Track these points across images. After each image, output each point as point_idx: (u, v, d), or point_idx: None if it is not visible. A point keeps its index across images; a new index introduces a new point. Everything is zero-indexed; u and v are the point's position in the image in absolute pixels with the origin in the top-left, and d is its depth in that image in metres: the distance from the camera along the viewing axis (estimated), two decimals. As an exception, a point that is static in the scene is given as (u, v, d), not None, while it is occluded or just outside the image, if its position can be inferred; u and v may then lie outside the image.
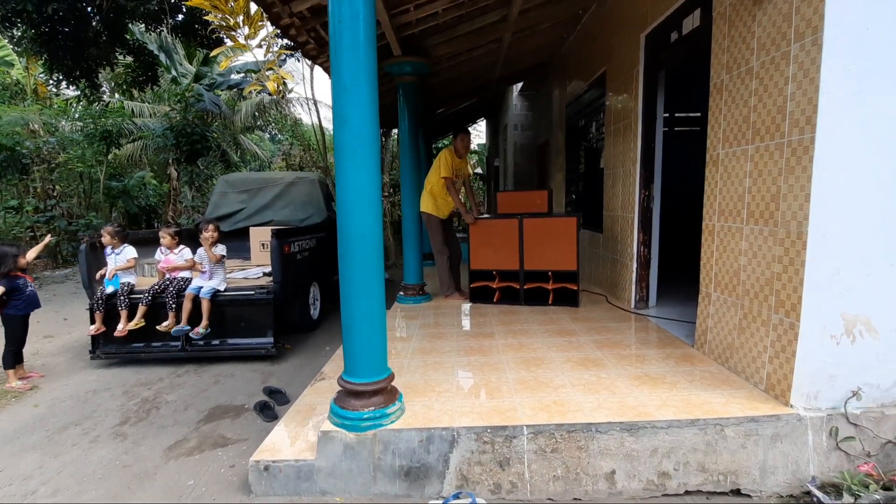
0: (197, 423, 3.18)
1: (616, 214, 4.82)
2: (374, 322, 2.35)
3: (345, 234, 2.28)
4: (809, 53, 2.21)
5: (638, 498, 2.27)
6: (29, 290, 3.90)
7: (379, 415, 2.32)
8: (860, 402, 2.28)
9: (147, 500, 2.37)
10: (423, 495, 2.30)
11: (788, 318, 2.35)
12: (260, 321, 4.25)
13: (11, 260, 3.78)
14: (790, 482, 2.26)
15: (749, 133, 2.67)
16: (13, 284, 3.80)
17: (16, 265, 3.81)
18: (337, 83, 2.21)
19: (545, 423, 2.30)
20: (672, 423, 2.27)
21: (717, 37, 2.99)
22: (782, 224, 2.39)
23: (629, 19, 4.39)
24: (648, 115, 4.19)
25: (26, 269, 3.96)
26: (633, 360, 3.12)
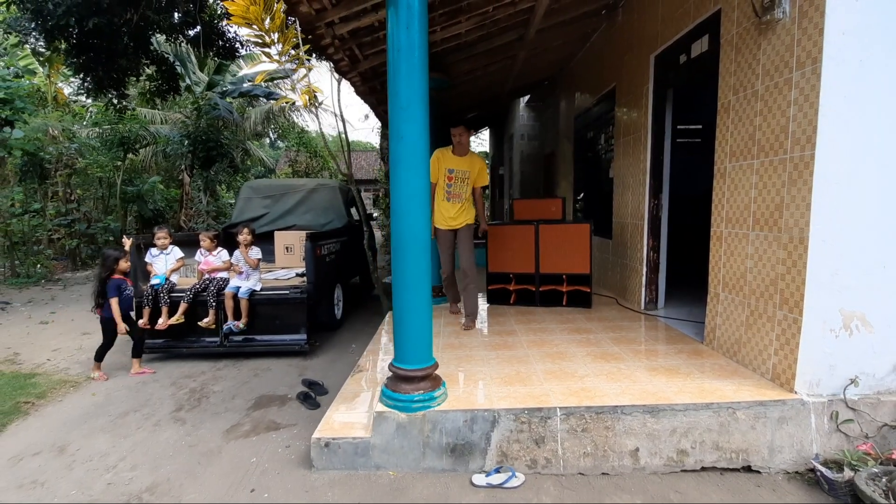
0: (247, 410, 3.45)
1: (626, 221, 5.12)
2: (423, 315, 2.63)
3: (399, 236, 2.57)
4: (809, 81, 2.52)
5: (659, 473, 2.54)
6: (126, 292, 4.15)
7: (427, 398, 2.59)
8: (858, 389, 2.57)
9: (218, 474, 2.63)
10: (467, 469, 2.57)
11: (792, 313, 2.64)
12: (294, 319, 4.52)
13: (112, 262, 4.06)
14: (796, 460, 2.54)
15: (754, 149, 2.98)
16: (115, 286, 4.05)
17: (116, 268, 4.07)
18: (394, 103, 2.51)
19: (576, 406, 2.58)
20: (689, 406, 2.56)
21: (725, 61, 3.30)
22: (785, 230, 2.69)
23: (639, 40, 4.72)
24: (657, 130, 4.50)
25: (127, 273, 4.20)
26: (647, 354, 3.40)
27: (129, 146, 10.44)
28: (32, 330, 5.87)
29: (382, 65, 4.77)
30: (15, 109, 7.08)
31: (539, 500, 2.34)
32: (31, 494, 2.51)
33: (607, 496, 2.36)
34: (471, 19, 4.39)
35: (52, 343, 5.27)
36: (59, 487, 2.57)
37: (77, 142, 10.36)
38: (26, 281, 8.92)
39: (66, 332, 5.72)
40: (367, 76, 4.91)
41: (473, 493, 2.41)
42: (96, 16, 5.56)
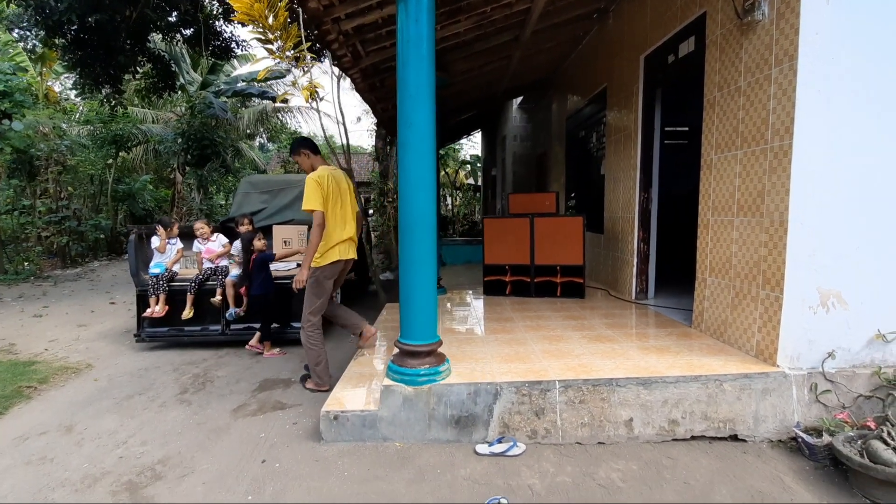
0: (252, 392, 3.53)
1: (617, 215, 5.31)
2: (429, 292, 2.76)
3: (407, 218, 2.70)
4: (787, 76, 2.71)
5: (652, 442, 2.69)
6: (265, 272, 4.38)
7: (433, 372, 2.72)
8: (835, 362, 2.75)
9: (228, 448, 2.72)
10: (470, 440, 2.70)
11: (774, 292, 2.83)
12: (296, 307, 4.60)
13: (249, 243, 4.36)
14: (778, 429, 2.71)
15: (738, 140, 3.17)
16: (260, 262, 4.34)
17: (254, 248, 4.38)
18: (403, 92, 2.65)
19: (573, 379, 2.72)
20: (679, 378, 2.71)
21: (710, 60, 3.50)
22: (767, 215, 2.88)
23: (629, 42, 4.93)
24: (647, 127, 4.71)
25: (262, 250, 4.48)
26: (639, 336, 3.57)
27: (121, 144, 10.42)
28: (26, 322, 5.86)
29: (384, 61, 4.92)
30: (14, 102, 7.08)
31: (540, 466, 2.47)
32: (41, 470, 2.57)
33: (604, 462, 2.50)
34: (469, 18, 4.55)
35: (48, 334, 5.28)
36: (69, 462, 2.63)
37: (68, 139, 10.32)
38: (15, 278, 8.85)
39: (61, 325, 5.73)
40: (367, 73, 5.04)
41: (477, 460, 2.53)
42: (97, 12, 5.63)
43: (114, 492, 2.33)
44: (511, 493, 2.24)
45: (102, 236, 10.92)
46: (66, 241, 9.94)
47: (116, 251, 12.01)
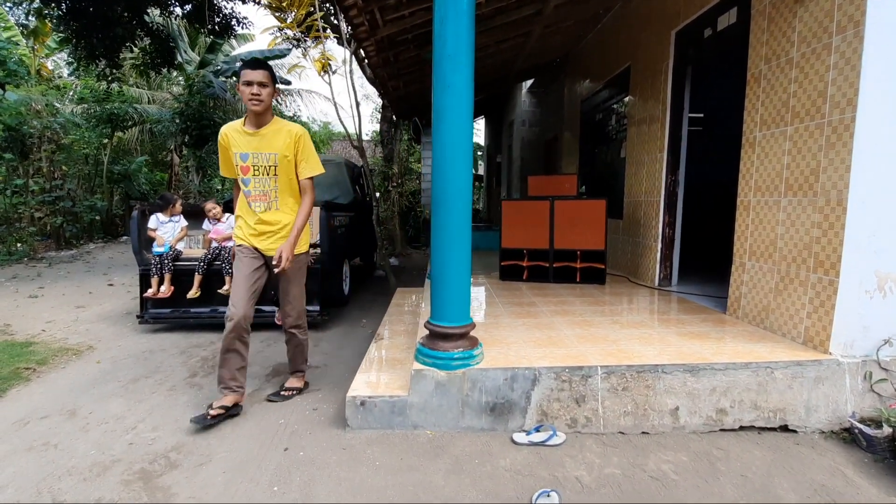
0: (266, 377, 3.35)
1: (639, 200, 5.13)
2: (464, 270, 2.57)
3: (441, 190, 2.50)
4: (851, 44, 2.52)
5: (698, 432, 2.54)
6: None
7: (467, 356, 2.54)
8: (891, 349, 2.60)
9: (246, 435, 2.54)
10: (506, 429, 2.53)
11: (828, 275, 2.66)
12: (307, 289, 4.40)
13: None
14: (830, 420, 2.56)
15: (788, 116, 2.99)
16: None
17: None
18: (441, 51, 2.44)
19: (616, 365, 2.55)
20: (728, 365, 2.55)
21: (756, 32, 3.30)
22: (822, 194, 2.70)
23: (658, 17, 4.71)
24: (676, 107, 4.51)
25: None
26: (674, 322, 3.41)
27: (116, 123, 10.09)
28: (22, 303, 5.63)
29: (400, 33, 4.69)
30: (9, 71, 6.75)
31: (584, 457, 2.31)
32: (45, 456, 2.37)
33: (651, 453, 2.34)
34: (492, -12, 4.33)
35: (45, 315, 5.06)
36: (75, 448, 2.44)
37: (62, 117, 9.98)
38: (7, 259, 8.57)
39: (58, 306, 5.50)
40: (382, 45, 4.80)
41: (516, 450, 2.37)
42: (95, -22, 5.33)
43: (126, 481, 2.14)
44: (559, 486, 2.07)
45: (98, 218, 10.62)
46: (61, 223, 9.64)
47: (112, 233, 11.72)
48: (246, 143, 2.63)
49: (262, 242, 2.74)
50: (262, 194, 2.68)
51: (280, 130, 2.65)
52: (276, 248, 2.67)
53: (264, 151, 2.62)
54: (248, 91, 2.54)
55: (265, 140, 2.62)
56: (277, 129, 2.66)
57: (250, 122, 2.64)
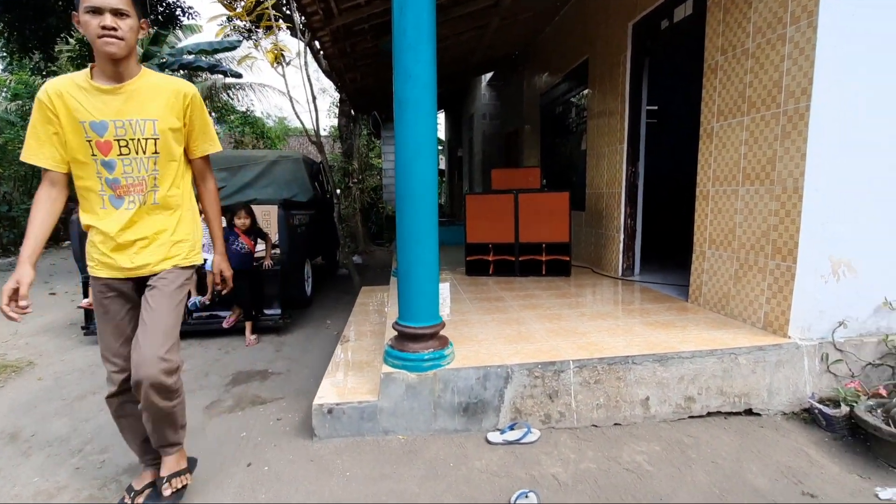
0: (225, 387, 3.16)
1: (601, 191, 5.19)
2: (432, 269, 2.49)
3: (406, 184, 2.40)
4: (805, 34, 2.59)
5: (668, 420, 2.57)
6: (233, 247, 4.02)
7: (438, 356, 2.46)
8: (844, 331, 2.71)
9: (206, 451, 2.37)
10: (480, 428, 2.47)
11: (785, 262, 2.74)
12: (267, 292, 4.21)
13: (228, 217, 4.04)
14: (791, 401, 2.65)
15: (744, 106, 3.05)
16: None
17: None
18: (401, 40, 2.33)
19: (588, 358, 2.54)
20: (695, 353, 2.59)
21: (712, 23, 3.36)
22: (778, 182, 2.78)
23: (615, 9, 4.75)
24: (635, 98, 4.56)
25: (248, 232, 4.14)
26: (639, 312, 3.45)
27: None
28: (-53, 319, 5.12)
29: (357, 22, 4.52)
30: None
31: (559, 453, 2.28)
32: (-21, 487, 2.14)
33: (625, 445, 2.35)
34: (451, -23, 4.23)
35: (-23, 330, 4.63)
36: (17, 475, 2.21)
37: (-10, 113, 9.17)
38: (-69, 269, 7.83)
39: (-10, 320, 5.04)
40: (338, 35, 4.62)
41: (491, 450, 2.31)
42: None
43: (70, 511, 1.95)
44: (536, 485, 2.04)
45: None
46: (-8, 228, 8.89)
47: (54, 238, 10.90)
48: (101, 106, 1.70)
49: (133, 257, 1.80)
50: (137, 183, 1.76)
51: (159, 88, 1.76)
52: (151, 265, 1.82)
53: (136, 118, 1.72)
54: (94, 24, 1.60)
55: (135, 101, 1.72)
56: (153, 84, 1.76)
57: (104, 75, 1.71)
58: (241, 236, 4.05)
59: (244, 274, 4.03)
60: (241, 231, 4.05)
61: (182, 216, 1.90)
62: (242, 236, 4.06)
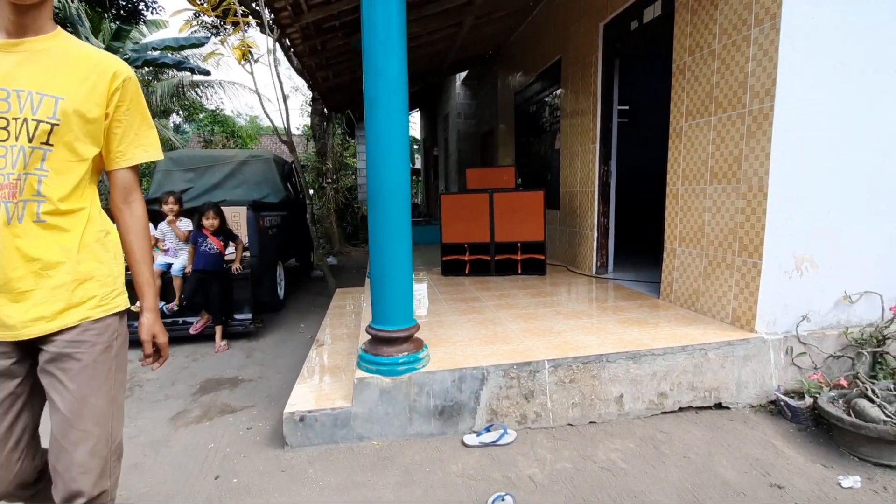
0: (193, 395, 3.05)
1: (575, 190, 5.23)
2: (406, 270, 2.45)
3: (378, 184, 2.36)
4: (769, 36, 2.65)
5: (642, 416, 2.59)
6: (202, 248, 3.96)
7: (412, 359, 2.43)
8: (808, 325, 2.79)
9: (171, 464, 2.28)
10: (456, 431, 2.45)
11: (751, 258, 2.80)
12: (238, 296, 4.09)
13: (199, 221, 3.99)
14: (759, 394, 2.71)
15: (712, 106, 3.11)
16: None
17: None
18: (371, 37, 2.28)
19: (563, 357, 2.55)
20: (667, 350, 2.63)
21: (680, 24, 3.41)
22: (744, 181, 2.84)
23: (586, 9, 4.79)
24: (606, 98, 4.62)
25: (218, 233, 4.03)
26: (613, 310, 3.48)
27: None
28: None
29: (327, 19, 4.44)
30: None
31: (536, 454, 2.28)
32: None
33: (600, 443, 2.36)
34: (423, -25, 4.19)
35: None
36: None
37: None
38: None
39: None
40: (308, 33, 4.53)
41: (467, 453, 2.29)
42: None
43: (21, 535, 1.83)
44: (512, 487, 2.02)
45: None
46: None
47: None
48: None
49: (12, 308, 1.18)
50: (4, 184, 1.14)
51: (77, 56, 1.24)
52: (45, 319, 1.21)
53: (30, 88, 1.16)
54: None
55: (35, 66, 1.18)
56: (69, 50, 1.24)
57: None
58: (209, 237, 3.92)
59: (214, 275, 3.91)
60: (209, 232, 3.93)
61: (87, 240, 1.27)
62: (211, 237, 3.93)
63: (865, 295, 2.87)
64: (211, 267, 3.88)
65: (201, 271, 3.87)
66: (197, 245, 3.93)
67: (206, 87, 15.55)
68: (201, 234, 3.94)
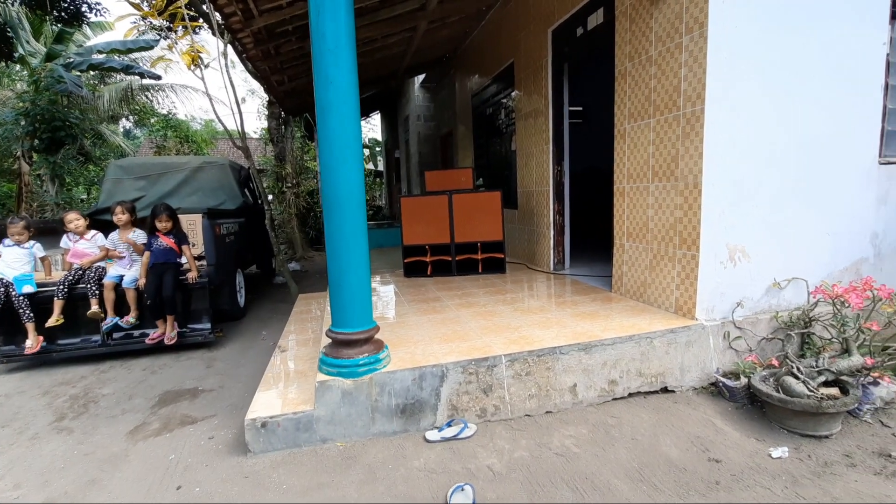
0: (151, 408, 3.00)
1: (531, 190, 5.40)
2: (363, 274, 2.50)
3: (332, 191, 2.40)
4: (697, 43, 2.85)
5: (595, 404, 2.74)
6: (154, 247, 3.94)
7: (373, 360, 2.48)
8: (742, 310, 3.01)
9: (130, 478, 2.25)
10: (418, 428, 2.52)
11: (690, 251, 3.01)
12: (195, 306, 4.03)
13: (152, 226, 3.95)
14: (700, 377, 2.91)
15: (651, 109, 3.31)
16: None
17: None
18: (320, 46, 2.32)
19: (519, 351, 2.66)
20: (616, 340, 2.78)
21: (620, 31, 3.60)
22: (681, 179, 3.04)
23: (535, 16, 4.96)
24: (557, 101, 4.79)
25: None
26: (569, 304, 3.64)
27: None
28: None
29: (280, 24, 4.42)
30: None
31: (495, 445, 2.38)
32: None
33: (555, 431, 2.48)
34: (375, -19, 4.24)
35: None
36: None
37: None
38: None
39: None
40: (260, 37, 4.49)
41: (429, 448, 2.37)
42: None
43: (-29, 560, 1.79)
44: (472, 478, 2.11)
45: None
46: None
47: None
48: None
49: None
50: None
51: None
52: None
53: None
54: None
55: None
56: None
57: None
58: (161, 237, 3.91)
59: (167, 267, 3.87)
60: (162, 234, 3.90)
61: None
62: (163, 237, 3.91)
63: (793, 281, 3.12)
64: (163, 258, 3.87)
65: (159, 265, 3.87)
66: (149, 245, 3.91)
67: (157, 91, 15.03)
68: (154, 236, 3.92)
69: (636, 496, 1.96)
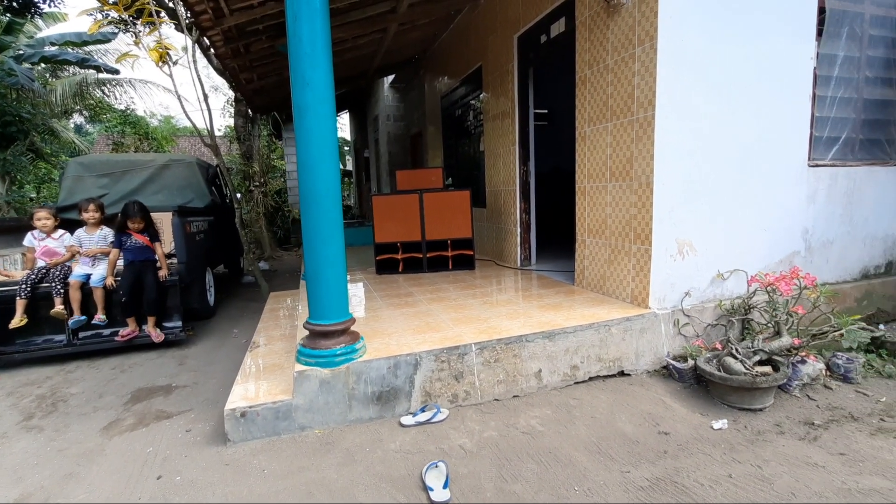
0: (125, 405, 3.01)
1: (499, 189, 5.60)
2: (339, 268, 2.61)
3: (309, 188, 2.50)
4: (648, 54, 3.10)
5: (558, 388, 2.94)
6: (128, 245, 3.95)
7: (349, 350, 2.60)
8: (690, 300, 3.28)
9: (108, 471, 2.29)
10: (394, 414, 2.65)
11: (643, 245, 3.25)
12: (166, 304, 4.01)
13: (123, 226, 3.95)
14: (653, 361, 3.16)
15: (608, 113, 3.55)
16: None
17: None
18: (297, 48, 2.42)
19: (487, 340, 2.83)
20: (577, 328, 3.00)
21: (580, 40, 3.83)
22: (636, 178, 3.29)
23: (502, 22, 5.16)
24: (523, 104, 5.01)
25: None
26: (535, 297, 3.84)
27: None
28: None
29: (250, 23, 4.45)
30: None
31: (466, 427, 2.54)
32: None
33: (522, 413, 2.66)
34: (346, -16, 4.33)
35: None
36: None
37: None
38: None
39: None
40: (230, 35, 4.50)
41: (404, 432, 2.51)
42: None
43: (-49, 551, 1.81)
44: (445, 456, 2.26)
45: None
46: None
47: None
48: None
49: None
50: None
51: None
52: None
53: None
54: None
55: None
56: None
57: None
58: (134, 235, 3.89)
59: (146, 265, 3.86)
60: (134, 232, 3.89)
61: None
62: (136, 235, 3.89)
63: (735, 272, 3.42)
64: (141, 256, 3.87)
65: (138, 263, 3.89)
66: (121, 244, 3.88)
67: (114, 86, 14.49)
68: (125, 235, 3.89)
69: (594, 466, 2.16)
